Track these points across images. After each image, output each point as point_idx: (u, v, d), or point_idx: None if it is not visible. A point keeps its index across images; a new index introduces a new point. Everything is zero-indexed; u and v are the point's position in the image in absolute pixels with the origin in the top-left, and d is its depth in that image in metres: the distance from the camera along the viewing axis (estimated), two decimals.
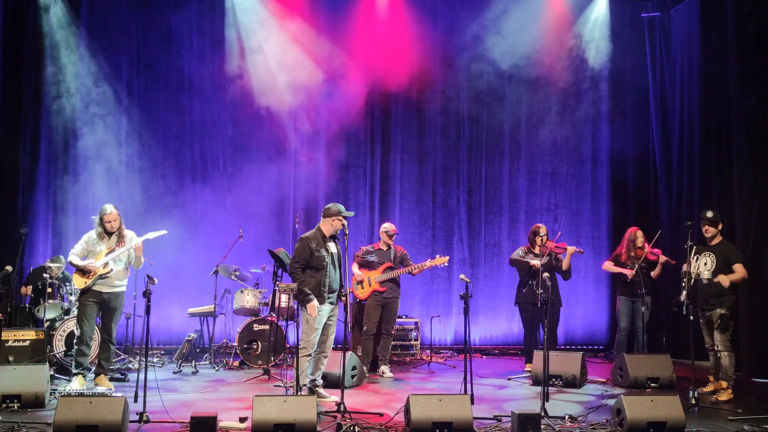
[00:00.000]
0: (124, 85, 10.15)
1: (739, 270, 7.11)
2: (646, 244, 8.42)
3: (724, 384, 7.12)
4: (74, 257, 7.15)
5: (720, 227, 7.29)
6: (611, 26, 10.86)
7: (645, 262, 8.35)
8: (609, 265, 8.66)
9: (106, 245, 7.18)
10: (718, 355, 7.19)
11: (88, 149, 9.94)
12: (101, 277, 7.07)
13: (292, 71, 10.33)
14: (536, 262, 8.36)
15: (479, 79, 10.85)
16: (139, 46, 10.17)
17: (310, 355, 6.63)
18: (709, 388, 7.33)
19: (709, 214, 7.28)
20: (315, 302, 6.55)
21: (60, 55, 9.91)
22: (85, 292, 7.11)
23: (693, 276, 7.16)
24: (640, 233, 8.51)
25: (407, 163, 10.80)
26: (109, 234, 7.19)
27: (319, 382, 6.83)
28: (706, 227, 7.26)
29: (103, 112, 10.03)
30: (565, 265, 8.51)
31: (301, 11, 10.50)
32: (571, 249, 8.46)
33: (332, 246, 6.80)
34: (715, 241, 7.27)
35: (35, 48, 9.81)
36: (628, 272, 8.30)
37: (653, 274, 8.45)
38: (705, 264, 7.22)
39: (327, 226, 6.77)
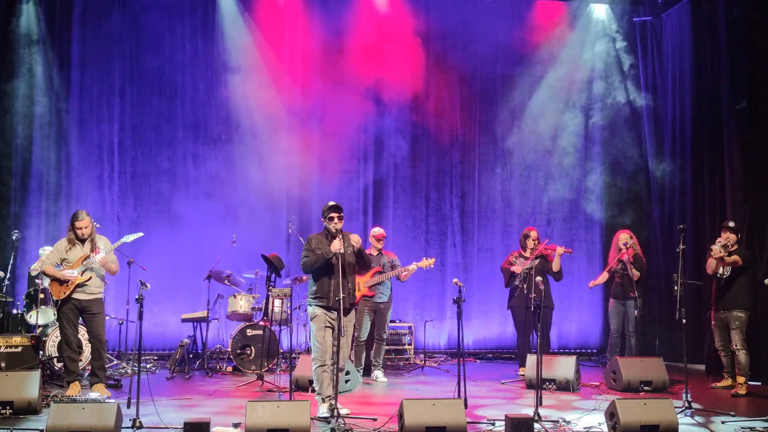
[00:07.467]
0: (116, 91, 10.12)
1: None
2: (635, 245, 8.62)
3: (742, 379, 7.50)
4: (48, 266, 7.01)
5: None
6: (605, 31, 10.91)
7: (621, 263, 8.54)
8: (600, 280, 8.88)
9: (81, 252, 7.04)
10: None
11: (81, 154, 9.94)
12: (79, 285, 6.97)
13: (283, 82, 10.42)
14: (516, 268, 8.51)
15: (472, 82, 10.91)
16: (131, 54, 10.14)
17: (323, 365, 6.23)
18: (724, 383, 7.81)
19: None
20: (334, 242, 6.16)
21: (52, 62, 9.89)
22: (65, 302, 6.99)
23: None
24: (623, 235, 8.66)
25: (400, 168, 10.80)
26: (82, 241, 7.06)
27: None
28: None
29: (95, 118, 10.03)
30: (555, 267, 8.55)
31: (294, 23, 10.55)
32: (560, 249, 8.52)
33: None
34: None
35: (28, 54, 9.78)
36: (612, 263, 8.55)
37: (632, 274, 8.52)
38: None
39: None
